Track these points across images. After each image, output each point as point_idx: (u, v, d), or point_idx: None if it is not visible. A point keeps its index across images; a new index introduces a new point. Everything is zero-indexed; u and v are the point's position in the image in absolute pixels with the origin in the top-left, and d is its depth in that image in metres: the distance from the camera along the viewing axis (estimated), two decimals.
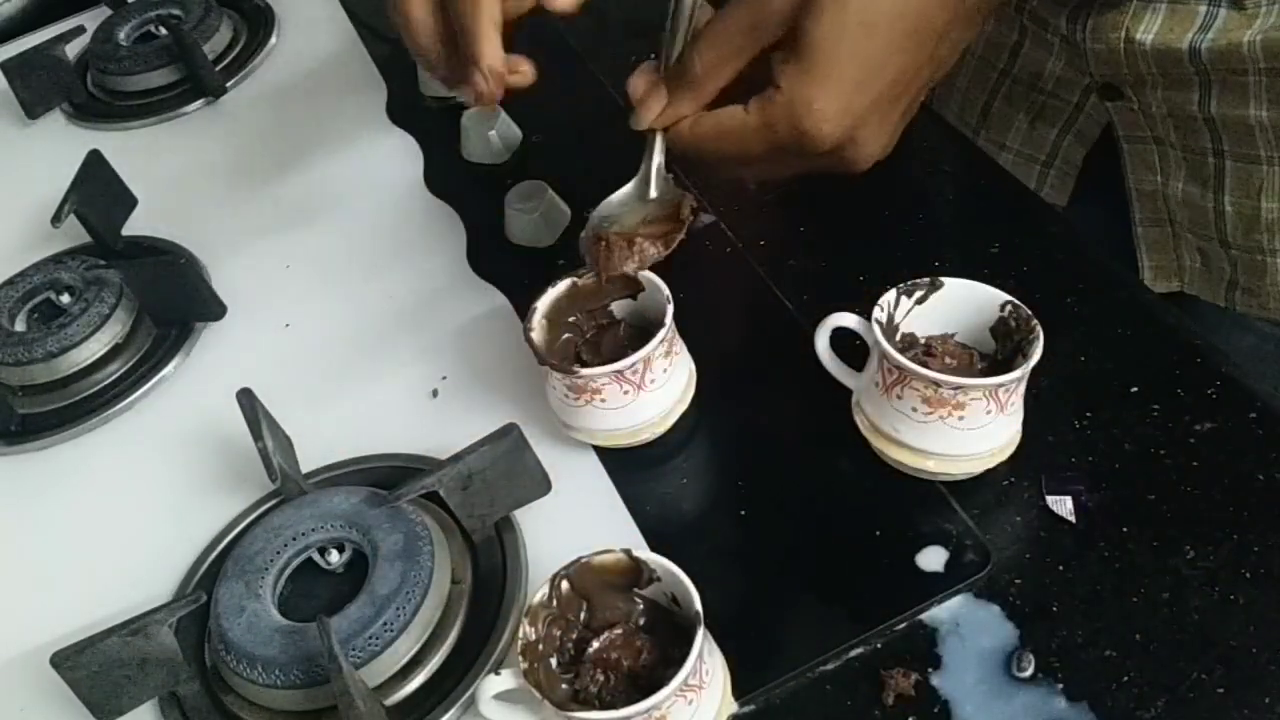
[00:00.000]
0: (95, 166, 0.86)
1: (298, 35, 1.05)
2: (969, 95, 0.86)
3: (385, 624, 0.55)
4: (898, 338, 0.58)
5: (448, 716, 0.55)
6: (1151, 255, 0.79)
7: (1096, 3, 0.71)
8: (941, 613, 0.54)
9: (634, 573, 0.51)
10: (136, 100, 1.01)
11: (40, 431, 0.75)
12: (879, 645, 0.53)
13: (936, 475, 0.57)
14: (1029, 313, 0.56)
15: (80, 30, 1.06)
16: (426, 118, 0.90)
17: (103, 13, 1.09)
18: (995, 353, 0.58)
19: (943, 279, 0.58)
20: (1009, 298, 0.57)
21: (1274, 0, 0.64)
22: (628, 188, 0.61)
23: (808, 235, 0.74)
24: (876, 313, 0.56)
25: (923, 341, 0.58)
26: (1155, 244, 0.79)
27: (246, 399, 0.65)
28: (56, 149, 0.97)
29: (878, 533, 0.57)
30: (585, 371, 0.59)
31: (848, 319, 0.58)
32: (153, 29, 1.04)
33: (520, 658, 0.50)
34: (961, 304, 0.58)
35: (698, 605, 0.48)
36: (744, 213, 0.75)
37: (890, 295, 0.57)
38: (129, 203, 0.87)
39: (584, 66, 0.91)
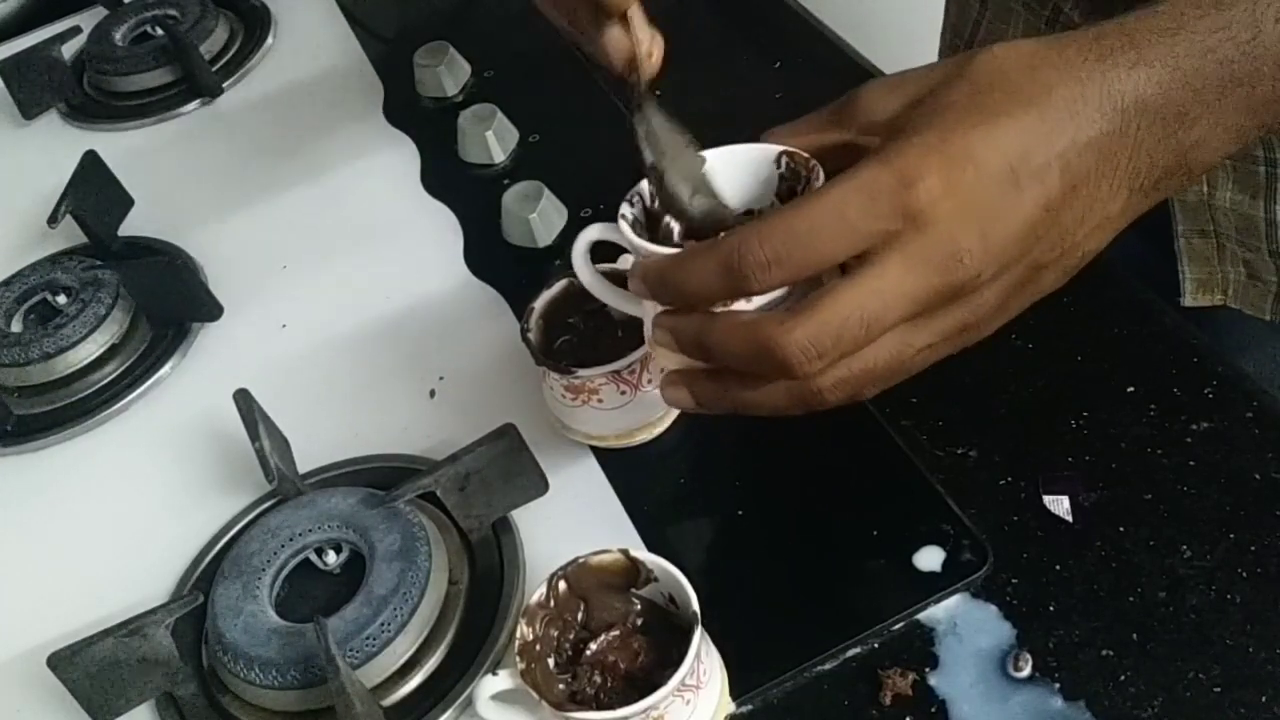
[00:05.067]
0: (91, 167, 0.86)
1: (294, 36, 1.05)
2: None
3: (382, 624, 0.55)
4: (676, 237, 0.52)
5: (445, 717, 0.55)
6: (1194, 268, 0.76)
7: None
8: (939, 612, 0.54)
9: (631, 573, 0.51)
10: (133, 101, 1.01)
11: (36, 432, 0.74)
12: (876, 645, 0.53)
13: None
14: (804, 155, 0.49)
15: (76, 30, 1.06)
16: (423, 118, 0.90)
17: (99, 13, 1.08)
18: None
19: (700, 153, 0.50)
20: (781, 148, 0.50)
21: None
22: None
23: None
24: (625, 209, 0.49)
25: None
26: (1198, 256, 0.75)
27: (243, 399, 0.65)
28: (53, 149, 0.97)
29: (875, 532, 0.57)
30: (582, 372, 0.59)
31: (597, 230, 0.51)
32: (149, 29, 1.04)
33: (518, 658, 0.50)
34: (734, 175, 0.51)
35: (695, 605, 0.48)
36: None
37: (643, 186, 0.51)
38: (125, 203, 0.87)
39: (581, 67, 0.91)
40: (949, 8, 0.87)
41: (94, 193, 0.85)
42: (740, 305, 0.46)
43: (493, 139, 0.83)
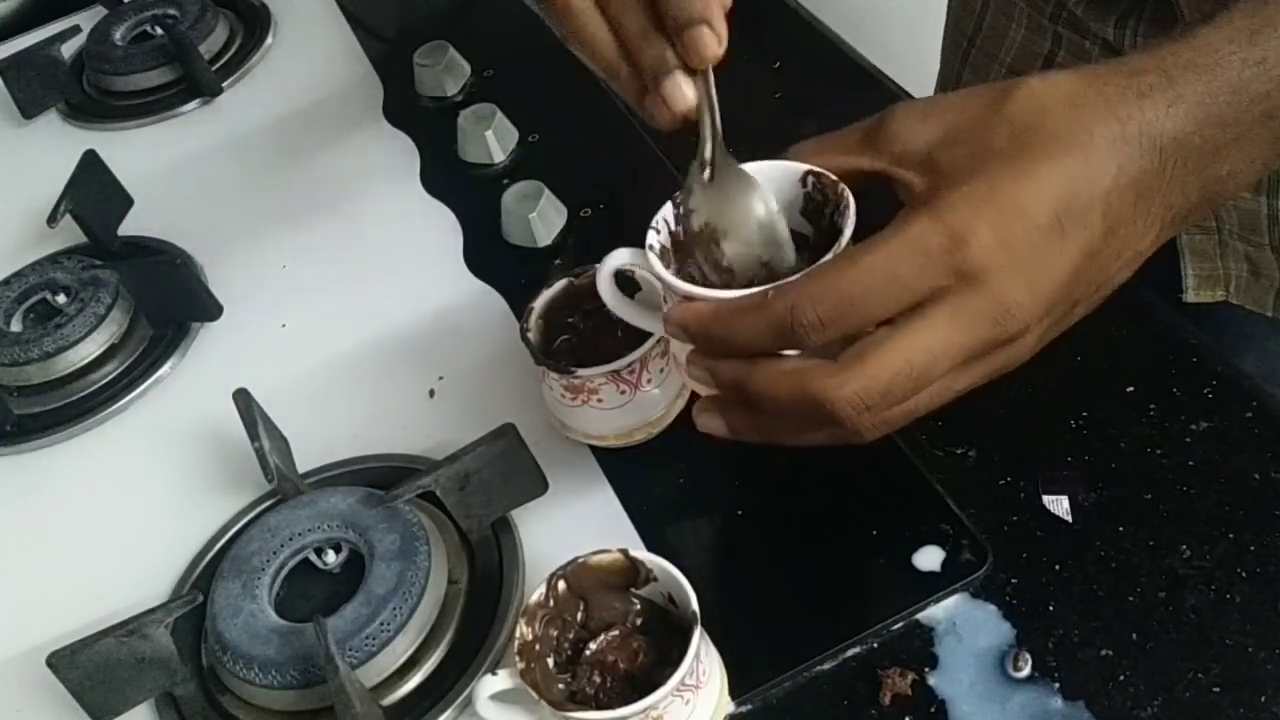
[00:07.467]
0: (91, 166, 0.86)
1: (294, 35, 1.05)
2: None
3: (382, 624, 0.55)
4: (705, 270, 0.51)
5: (444, 717, 0.55)
6: (1195, 264, 0.76)
7: (1148, 11, 0.68)
8: (938, 612, 0.54)
9: (631, 572, 0.51)
10: (132, 100, 1.01)
11: (36, 432, 0.74)
12: (876, 645, 0.53)
13: None
14: (832, 177, 0.49)
15: (76, 30, 1.06)
16: (423, 118, 0.90)
17: (99, 12, 1.08)
18: (812, 236, 0.51)
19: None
20: (808, 167, 0.49)
21: None
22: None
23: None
24: (651, 238, 0.49)
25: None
26: (1200, 252, 0.75)
27: (243, 399, 0.65)
28: (52, 149, 0.97)
29: (874, 532, 0.57)
30: (582, 371, 0.59)
31: (625, 257, 0.51)
32: (149, 29, 1.04)
33: (517, 658, 0.50)
34: None
35: (694, 605, 0.48)
36: None
37: (666, 211, 0.50)
38: (125, 203, 0.87)
39: (581, 66, 0.91)
40: (951, 5, 0.87)
41: (93, 192, 0.85)
42: None
43: (492, 139, 0.83)
